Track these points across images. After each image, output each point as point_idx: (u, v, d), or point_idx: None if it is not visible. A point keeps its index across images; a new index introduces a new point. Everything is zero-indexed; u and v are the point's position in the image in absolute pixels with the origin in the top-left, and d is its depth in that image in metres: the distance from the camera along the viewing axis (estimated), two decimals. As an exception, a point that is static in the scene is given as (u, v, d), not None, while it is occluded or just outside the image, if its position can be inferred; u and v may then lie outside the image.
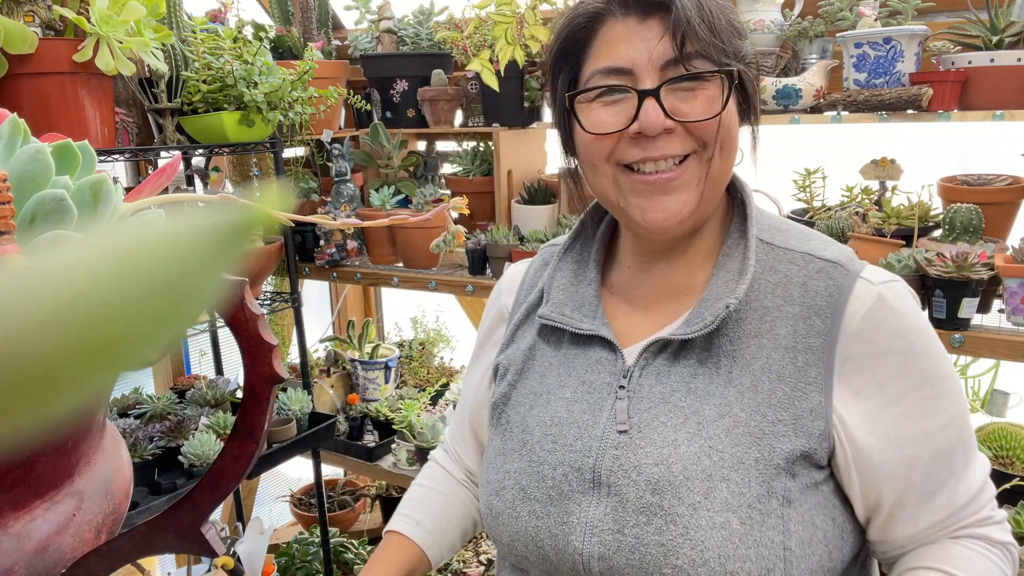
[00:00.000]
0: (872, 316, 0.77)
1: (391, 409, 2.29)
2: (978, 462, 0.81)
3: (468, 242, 2.02)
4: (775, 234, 0.85)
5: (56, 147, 0.50)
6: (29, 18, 1.46)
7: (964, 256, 1.42)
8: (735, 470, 0.74)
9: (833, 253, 0.82)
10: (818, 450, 0.75)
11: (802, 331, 0.78)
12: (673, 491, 0.74)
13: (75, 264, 0.17)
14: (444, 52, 2.24)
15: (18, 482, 0.43)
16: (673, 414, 0.78)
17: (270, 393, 0.52)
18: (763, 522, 0.72)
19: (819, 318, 0.77)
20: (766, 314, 0.79)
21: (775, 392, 0.76)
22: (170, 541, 0.54)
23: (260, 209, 0.18)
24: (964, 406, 0.80)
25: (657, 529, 0.74)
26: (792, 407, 0.75)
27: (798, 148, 1.96)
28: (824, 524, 0.76)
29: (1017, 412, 1.70)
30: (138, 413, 1.90)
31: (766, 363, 0.77)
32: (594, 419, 0.81)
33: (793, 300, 0.79)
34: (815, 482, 0.76)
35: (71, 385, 0.18)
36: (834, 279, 0.79)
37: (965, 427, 0.79)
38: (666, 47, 0.76)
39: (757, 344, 0.78)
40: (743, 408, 0.76)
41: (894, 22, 1.65)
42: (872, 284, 0.78)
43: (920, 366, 0.77)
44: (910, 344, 0.77)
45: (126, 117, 1.86)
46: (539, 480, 0.82)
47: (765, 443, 0.74)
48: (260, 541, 1.92)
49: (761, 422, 0.75)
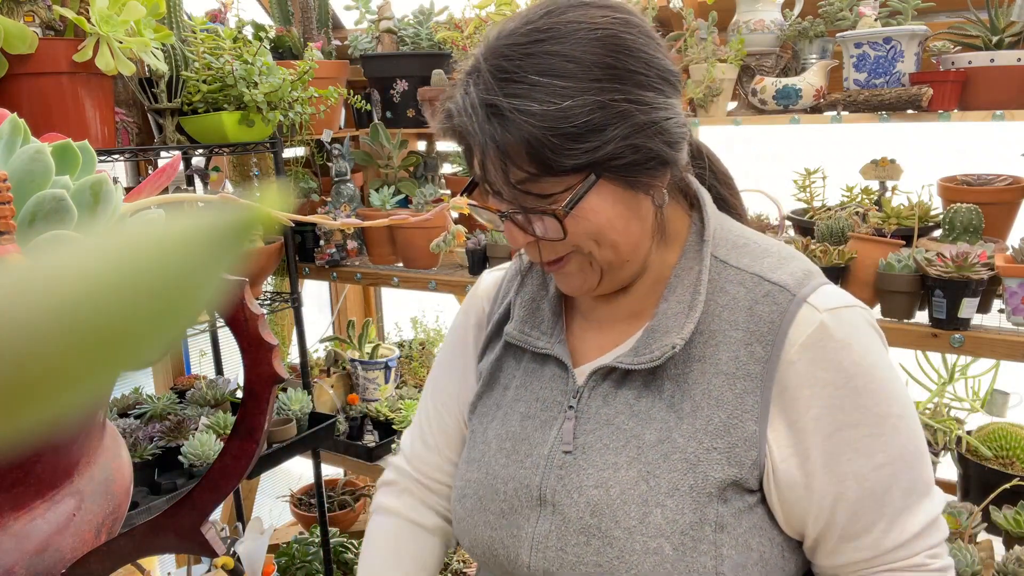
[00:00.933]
0: (811, 345, 0.73)
1: (391, 409, 2.29)
2: (923, 507, 0.75)
3: (468, 242, 2.02)
4: (730, 250, 0.80)
5: (56, 147, 0.50)
6: (29, 18, 1.46)
7: (964, 256, 1.42)
8: (670, 496, 0.74)
9: (783, 275, 0.77)
10: (749, 478, 0.75)
11: (743, 357, 0.75)
12: (611, 514, 0.75)
13: (75, 264, 0.17)
14: (444, 52, 2.24)
15: (18, 482, 0.43)
16: (615, 437, 0.78)
17: (270, 393, 0.52)
18: (695, 548, 0.73)
19: (760, 345, 0.75)
20: (711, 338, 0.77)
21: (712, 419, 0.75)
22: (170, 541, 0.54)
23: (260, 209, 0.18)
24: (911, 448, 0.75)
25: (595, 550, 0.75)
26: (728, 435, 0.74)
27: (798, 148, 1.96)
28: (761, 546, 0.75)
29: (1017, 412, 1.70)
30: (138, 413, 1.90)
31: (707, 388, 0.76)
32: (543, 437, 0.82)
33: (738, 325, 0.76)
34: (748, 505, 0.75)
35: (71, 385, 0.18)
36: (778, 304, 0.75)
37: (907, 469, 0.74)
38: (491, 170, 0.73)
39: (700, 369, 0.77)
40: (682, 434, 0.75)
41: (894, 22, 1.65)
42: (816, 311, 0.74)
43: (859, 403, 0.73)
44: (850, 378, 0.73)
45: (126, 117, 1.86)
46: (493, 493, 0.84)
47: (700, 470, 0.74)
48: (260, 541, 1.92)
49: (697, 449, 0.74)
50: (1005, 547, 1.52)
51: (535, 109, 0.68)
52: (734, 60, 1.78)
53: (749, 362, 0.75)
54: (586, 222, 0.73)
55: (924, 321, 1.52)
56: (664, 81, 0.74)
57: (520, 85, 0.69)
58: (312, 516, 2.57)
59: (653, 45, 0.74)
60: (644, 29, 0.75)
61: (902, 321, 1.54)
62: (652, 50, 0.74)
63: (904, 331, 1.52)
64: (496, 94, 0.70)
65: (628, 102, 0.70)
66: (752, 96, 1.77)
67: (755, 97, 1.76)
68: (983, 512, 1.53)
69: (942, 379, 1.76)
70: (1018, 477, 1.52)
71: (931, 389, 1.78)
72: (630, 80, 0.71)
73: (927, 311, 1.50)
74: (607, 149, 0.70)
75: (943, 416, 1.76)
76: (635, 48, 0.72)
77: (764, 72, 1.81)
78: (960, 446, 1.70)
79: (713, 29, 1.80)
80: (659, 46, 0.75)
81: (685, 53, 1.84)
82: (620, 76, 0.70)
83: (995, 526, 1.54)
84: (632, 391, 0.79)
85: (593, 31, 0.71)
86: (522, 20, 0.74)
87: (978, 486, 1.62)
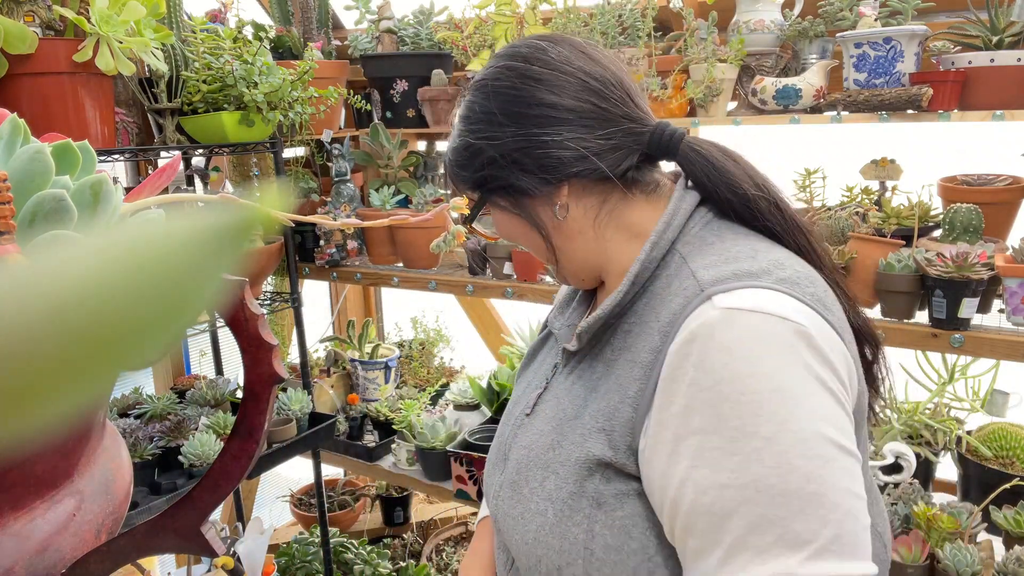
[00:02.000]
0: (690, 340, 0.70)
1: (391, 409, 2.29)
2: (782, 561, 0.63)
3: (468, 242, 2.02)
4: (696, 247, 0.81)
5: (56, 147, 0.50)
6: (29, 18, 1.46)
7: (964, 256, 1.42)
8: (563, 465, 0.80)
9: (711, 272, 0.75)
10: (626, 463, 0.75)
11: (649, 347, 0.76)
12: (525, 473, 0.84)
13: (75, 264, 0.17)
14: (444, 52, 2.24)
15: (18, 482, 0.43)
16: (552, 408, 0.87)
17: (270, 393, 0.52)
18: (571, 518, 0.77)
19: (659, 336, 0.76)
20: (641, 328, 0.80)
21: (610, 401, 0.79)
22: (170, 541, 0.54)
23: (260, 209, 0.18)
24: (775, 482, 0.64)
25: (512, 504, 0.85)
26: (613, 418, 0.78)
27: (798, 148, 1.96)
28: (643, 537, 0.74)
29: (1017, 412, 1.70)
30: (138, 413, 1.90)
31: (619, 374, 0.79)
32: (524, 401, 0.95)
33: (660, 317, 0.77)
34: (634, 491, 0.75)
35: (71, 385, 0.18)
36: (686, 298, 0.75)
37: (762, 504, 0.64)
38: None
39: (625, 356, 0.80)
40: (590, 412, 0.81)
41: (894, 22, 1.65)
42: (712, 308, 0.70)
43: (721, 411, 0.67)
44: (716, 382, 0.67)
45: (126, 117, 1.86)
46: (492, 448, 0.98)
47: (587, 446, 0.79)
48: (260, 541, 1.92)
49: (592, 427, 0.79)
50: (1005, 547, 1.52)
51: (448, 144, 0.90)
52: (734, 60, 1.78)
53: (648, 352, 0.77)
54: (500, 229, 0.92)
55: (924, 321, 1.52)
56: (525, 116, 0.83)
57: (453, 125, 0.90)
58: (312, 516, 2.57)
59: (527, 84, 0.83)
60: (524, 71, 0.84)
61: (902, 321, 1.54)
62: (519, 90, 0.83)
63: (904, 331, 1.52)
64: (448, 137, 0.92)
65: (483, 139, 0.85)
66: (752, 96, 1.77)
67: (755, 97, 1.76)
68: (983, 512, 1.53)
69: (942, 379, 1.77)
70: (1018, 477, 1.52)
71: (931, 389, 1.78)
72: (486, 120, 0.85)
73: (927, 311, 1.50)
74: (478, 175, 0.87)
75: (943, 416, 1.76)
76: (497, 92, 0.84)
77: (764, 72, 1.81)
78: (960, 446, 1.70)
79: (713, 29, 1.80)
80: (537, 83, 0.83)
81: (685, 53, 1.84)
82: (483, 119, 0.85)
83: (995, 526, 1.54)
84: (578, 372, 0.87)
85: (480, 81, 0.86)
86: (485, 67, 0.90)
87: (978, 486, 1.62)
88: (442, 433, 2.08)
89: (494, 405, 2.19)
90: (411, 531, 2.71)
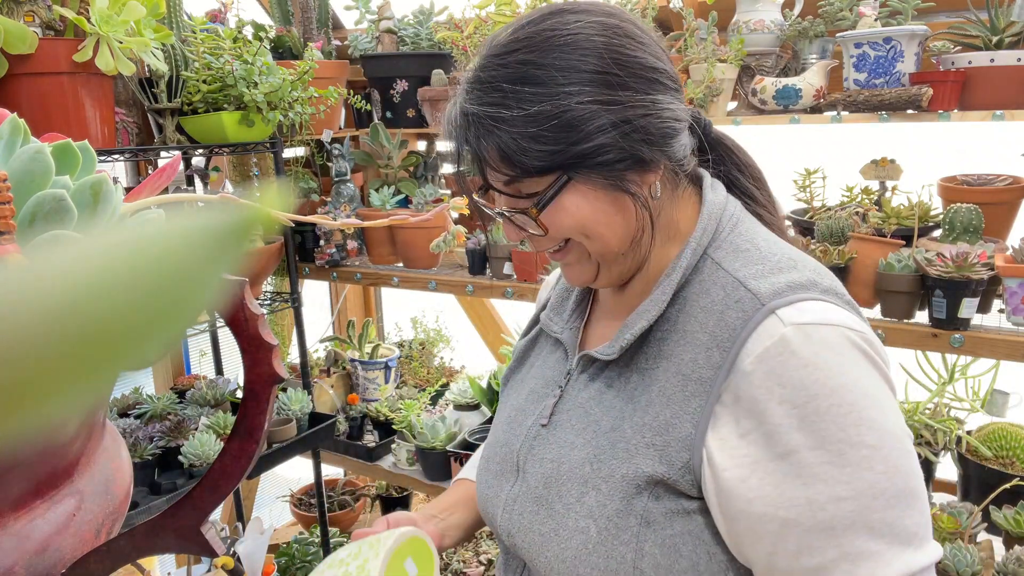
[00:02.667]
0: (767, 358, 0.69)
1: (391, 409, 2.29)
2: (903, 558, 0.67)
3: (468, 242, 2.02)
4: (729, 253, 0.79)
5: (56, 147, 0.50)
6: (29, 18, 1.46)
7: (964, 256, 1.42)
8: (605, 482, 0.77)
9: (764, 283, 0.74)
10: (680, 481, 0.73)
11: (701, 361, 0.74)
12: (557, 488, 0.80)
13: (75, 264, 0.17)
14: (444, 52, 2.24)
15: (18, 482, 0.43)
16: (581, 419, 0.82)
17: (270, 393, 0.52)
18: (617, 536, 0.74)
19: (718, 350, 0.73)
20: (682, 338, 0.77)
21: (660, 416, 0.75)
22: (170, 541, 0.54)
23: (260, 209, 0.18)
24: (887, 486, 0.67)
25: (541, 520, 0.81)
26: (666, 433, 0.74)
27: (798, 148, 1.96)
28: (693, 555, 0.73)
29: (1017, 412, 1.70)
30: (138, 413, 1.90)
31: (663, 386, 0.76)
32: (534, 409, 0.89)
33: (707, 328, 0.75)
34: (685, 510, 0.74)
35: (71, 385, 0.18)
36: (745, 312, 0.73)
37: (881, 509, 0.66)
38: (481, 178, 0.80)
39: (664, 366, 0.77)
40: (631, 425, 0.77)
41: (894, 22, 1.65)
42: (782, 324, 0.70)
43: (821, 426, 0.67)
44: (811, 398, 0.67)
45: (126, 117, 1.86)
46: (492, 456, 0.92)
47: (634, 462, 0.75)
48: (260, 541, 1.92)
49: (639, 442, 0.76)
50: (1005, 547, 1.52)
51: (505, 115, 0.73)
52: (734, 60, 1.78)
53: (705, 366, 0.74)
54: (567, 218, 0.76)
55: (924, 321, 1.52)
56: (642, 79, 0.75)
57: (495, 94, 0.74)
58: (312, 516, 2.57)
59: (632, 44, 0.75)
60: (623, 29, 0.76)
61: (902, 321, 1.54)
62: (631, 49, 0.75)
63: (904, 331, 1.52)
64: (474, 103, 0.75)
65: (596, 103, 0.72)
66: (752, 96, 1.77)
67: (755, 97, 1.76)
68: (983, 512, 1.53)
69: (942, 379, 1.76)
70: (1018, 477, 1.52)
71: (931, 389, 1.78)
72: (598, 81, 0.73)
73: (927, 311, 1.50)
74: (576, 149, 0.73)
75: (943, 416, 1.76)
76: (607, 49, 0.74)
77: (764, 72, 1.81)
78: (960, 446, 1.70)
79: (713, 29, 1.80)
80: (640, 44, 0.75)
81: (685, 53, 1.84)
82: (588, 79, 0.73)
83: (995, 526, 1.54)
84: (606, 380, 0.83)
85: (564, 37, 0.74)
86: (509, 30, 0.77)
87: (978, 486, 1.62)
88: (442, 433, 2.08)
89: (494, 405, 2.19)
90: (411, 531, 2.70)
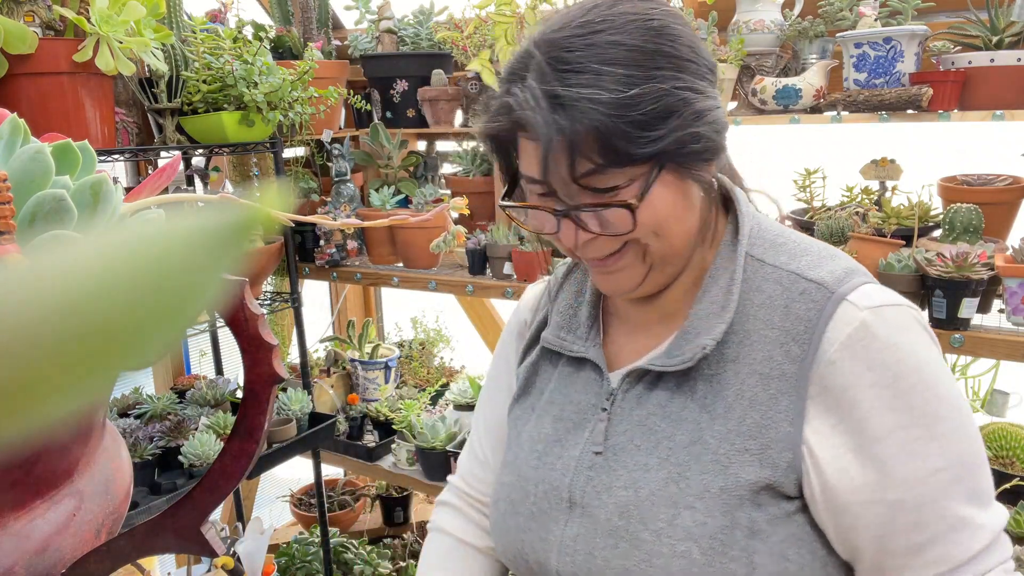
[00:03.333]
0: (852, 344, 0.71)
1: (391, 409, 2.29)
2: (989, 517, 0.71)
3: (468, 242, 2.02)
4: (767, 248, 0.79)
5: (56, 147, 0.50)
6: (29, 18, 1.46)
7: (964, 256, 1.42)
8: (700, 499, 0.72)
9: (822, 272, 0.75)
10: (785, 482, 0.72)
11: (778, 357, 0.73)
12: (639, 516, 0.74)
13: (75, 264, 0.17)
14: (444, 52, 2.24)
15: (18, 482, 0.43)
16: (647, 438, 0.77)
17: (270, 393, 0.52)
18: (725, 553, 0.70)
19: (796, 344, 0.73)
20: (746, 338, 0.75)
21: (745, 420, 0.73)
22: (170, 541, 0.54)
23: (260, 209, 0.18)
24: (971, 452, 0.71)
25: (623, 553, 0.74)
26: (760, 436, 0.72)
27: (798, 148, 1.96)
28: (799, 557, 0.72)
29: (1017, 412, 1.70)
30: (138, 413, 1.90)
31: (740, 389, 0.74)
32: (575, 439, 0.82)
33: (773, 324, 0.74)
34: (786, 513, 0.72)
35: (71, 385, 0.18)
36: (816, 302, 0.73)
37: (968, 476, 0.71)
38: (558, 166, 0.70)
39: (734, 369, 0.75)
40: (713, 435, 0.74)
41: (894, 22, 1.65)
42: (858, 309, 0.71)
43: (911, 403, 0.69)
44: (898, 377, 0.70)
45: (126, 117, 1.86)
46: (524, 496, 0.83)
47: (731, 472, 0.72)
48: (260, 541, 1.92)
49: (729, 450, 0.73)
50: (1005, 547, 1.52)
51: (604, 98, 0.67)
52: (734, 60, 1.78)
53: (784, 361, 0.73)
54: (652, 213, 0.72)
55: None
56: (710, 71, 0.75)
57: (584, 75, 0.68)
58: (312, 516, 2.57)
59: (697, 36, 0.76)
60: (686, 21, 0.76)
61: (902, 321, 1.54)
62: (698, 41, 0.75)
63: (904, 331, 1.52)
64: (560, 85, 0.68)
65: (688, 90, 0.70)
66: (752, 96, 1.77)
67: (755, 97, 1.76)
68: (983, 512, 1.53)
69: (942, 379, 1.76)
70: (1018, 477, 1.52)
71: (931, 389, 1.78)
72: (687, 69, 0.71)
73: (927, 311, 1.50)
74: (672, 137, 0.69)
75: (943, 416, 1.75)
76: (686, 38, 0.73)
77: (764, 72, 1.81)
78: (960, 446, 1.70)
79: (713, 29, 1.80)
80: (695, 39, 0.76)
81: (685, 53, 1.84)
82: (679, 65, 0.71)
83: (995, 526, 1.54)
84: (665, 392, 0.78)
85: (648, 21, 0.71)
86: (569, 16, 0.72)
87: (978, 486, 1.62)
88: (442, 433, 2.08)
89: (494, 405, 2.19)
90: (411, 531, 2.71)
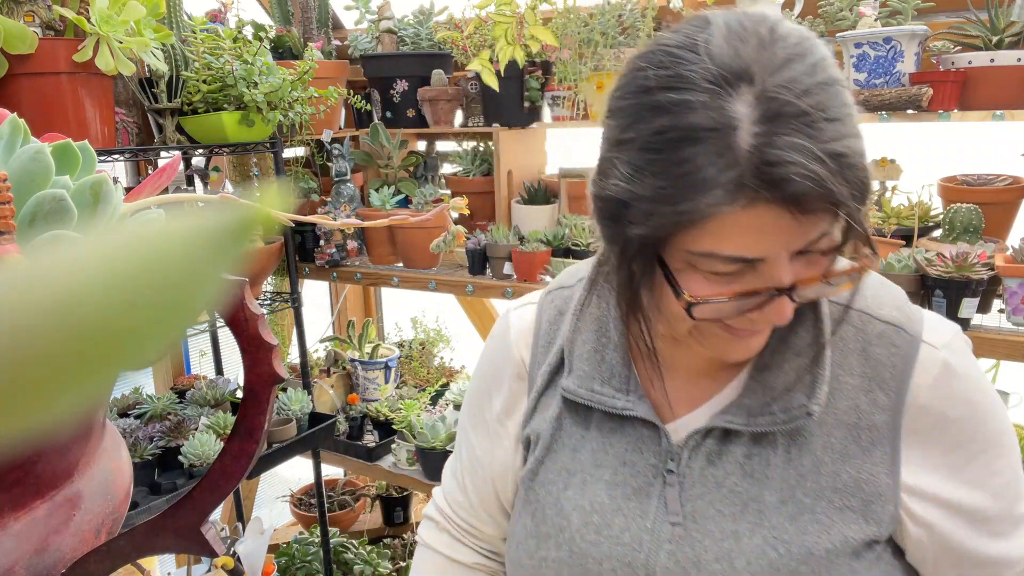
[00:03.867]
0: (939, 387, 0.70)
1: (391, 409, 2.29)
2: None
3: (468, 242, 2.02)
4: None
5: (56, 147, 0.50)
6: (29, 18, 1.46)
7: (964, 256, 1.42)
8: (804, 563, 0.67)
9: (889, 311, 0.73)
10: (886, 533, 0.71)
11: (865, 406, 0.70)
12: None
13: (75, 264, 0.17)
14: (444, 52, 2.24)
15: (18, 482, 0.43)
16: (730, 501, 0.71)
17: (270, 393, 0.52)
18: None
19: (882, 392, 0.70)
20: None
21: (839, 474, 0.69)
22: (170, 541, 0.54)
23: (260, 209, 0.18)
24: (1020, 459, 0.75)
25: None
26: (860, 491, 0.69)
27: (798, 148, 1.95)
28: None
29: (1017, 412, 1.70)
30: (138, 413, 1.90)
31: (827, 441, 0.70)
32: (642, 508, 0.74)
33: (853, 371, 0.71)
34: (877, 556, 0.71)
35: (71, 385, 0.18)
36: (897, 347, 0.71)
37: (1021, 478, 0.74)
38: (800, 238, 0.60)
39: (816, 420, 0.70)
40: (806, 492, 0.69)
41: (894, 22, 1.65)
42: (935, 349, 0.71)
43: (986, 428, 0.72)
44: (976, 407, 0.71)
45: (126, 117, 1.86)
46: (583, 574, 0.74)
47: (836, 531, 0.68)
48: (260, 541, 1.92)
49: (828, 508, 0.69)
50: (1005, 547, 1.52)
51: (863, 147, 0.59)
52: (734, 60, 1.78)
53: (873, 411, 0.70)
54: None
55: (924, 321, 1.52)
56: None
57: (842, 124, 0.58)
58: (312, 516, 2.57)
59: None
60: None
61: (902, 321, 1.54)
62: None
63: (904, 331, 1.52)
64: (834, 141, 0.56)
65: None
66: (752, 96, 1.77)
67: (755, 97, 1.76)
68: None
69: (942, 379, 1.76)
70: (1018, 477, 1.52)
71: (931, 389, 1.78)
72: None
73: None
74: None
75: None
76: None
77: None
78: (960, 446, 1.70)
79: (713, 29, 1.80)
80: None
81: (685, 53, 1.83)
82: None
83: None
84: (741, 448, 0.72)
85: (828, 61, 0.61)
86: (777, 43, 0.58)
87: (978, 486, 1.62)
88: (442, 433, 2.08)
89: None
90: (411, 531, 2.71)
